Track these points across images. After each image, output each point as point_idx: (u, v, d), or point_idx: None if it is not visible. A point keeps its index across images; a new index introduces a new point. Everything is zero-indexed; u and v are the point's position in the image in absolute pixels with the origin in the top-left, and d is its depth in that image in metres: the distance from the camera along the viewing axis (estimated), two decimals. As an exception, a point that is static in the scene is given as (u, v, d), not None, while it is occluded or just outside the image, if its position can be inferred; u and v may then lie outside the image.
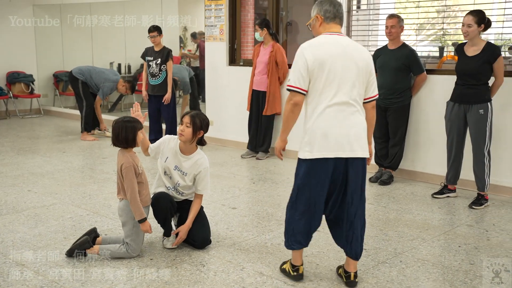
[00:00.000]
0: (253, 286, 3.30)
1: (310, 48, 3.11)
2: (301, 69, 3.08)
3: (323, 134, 3.13)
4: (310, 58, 3.07)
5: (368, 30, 8.83)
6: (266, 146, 6.86)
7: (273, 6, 6.98)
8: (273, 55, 6.59)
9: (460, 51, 4.93)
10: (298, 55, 3.13)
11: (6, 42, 10.15)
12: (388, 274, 3.50)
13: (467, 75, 4.82)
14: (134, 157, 3.64)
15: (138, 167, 3.61)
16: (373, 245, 4.00)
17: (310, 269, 3.55)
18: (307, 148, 3.18)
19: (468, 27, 4.75)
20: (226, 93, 7.55)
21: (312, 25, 3.29)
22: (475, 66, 4.77)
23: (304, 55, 3.08)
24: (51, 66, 10.71)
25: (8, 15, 10.09)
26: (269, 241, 4.04)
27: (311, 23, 3.29)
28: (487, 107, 4.79)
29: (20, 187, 5.44)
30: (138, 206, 3.56)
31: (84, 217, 4.53)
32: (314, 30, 3.29)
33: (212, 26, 7.54)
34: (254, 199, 5.21)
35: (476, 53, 4.78)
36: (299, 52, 3.14)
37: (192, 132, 3.75)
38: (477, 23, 4.73)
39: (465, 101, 4.87)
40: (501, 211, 4.82)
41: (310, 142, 3.17)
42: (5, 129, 8.96)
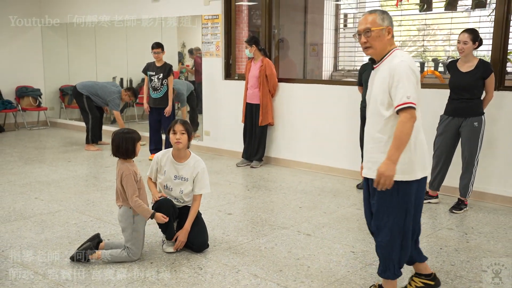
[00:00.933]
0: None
1: (412, 63, 2.83)
2: (416, 84, 2.79)
3: (426, 150, 2.95)
4: (417, 74, 2.84)
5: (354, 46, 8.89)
6: (260, 155, 6.87)
7: (265, 24, 7.01)
8: (263, 69, 6.61)
9: (453, 67, 4.90)
10: (409, 69, 2.77)
11: (16, 59, 10.25)
12: (375, 275, 3.49)
13: (462, 90, 4.79)
14: (133, 166, 3.64)
15: (137, 175, 3.61)
16: (361, 247, 3.99)
17: (302, 271, 3.55)
18: (419, 166, 2.88)
19: (464, 44, 4.76)
20: (222, 105, 7.56)
21: (378, 34, 2.85)
22: (470, 81, 4.75)
23: (414, 70, 2.79)
24: (57, 81, 10.73)
25: (19, 35, 10.22)
26: (263, 245, 4.03)
27: (380, 32, 2.85)
28: (481, 120, 4.78)
29: (28, 194, 5.41)
30: (143, 208, 3.57)
31: (88, 223, 4.51)
32: (379, 39, 2.85)
33: (209, 43, 7.57)
34: (249, 205, 5.20)
35: (471, 69, 4.77)
36: (407, 67, 2.77)
37: (188, 137, 3.77)
38: (472, 40, 4.75)
39: (460, 114, 4.84)
40: (479, 215, 4.83)
41: (423, 159, 2.91)
42: (14, 140, 8.93)
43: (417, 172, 2.86)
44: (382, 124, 2.84)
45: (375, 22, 2.85)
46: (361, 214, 4.84)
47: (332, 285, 3.35)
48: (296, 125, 6.79)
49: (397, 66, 2.77)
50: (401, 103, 2.73)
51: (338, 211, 4.93)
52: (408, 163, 2.82)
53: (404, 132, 2.72)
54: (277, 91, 6.86)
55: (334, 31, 9.14)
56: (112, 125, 10.05)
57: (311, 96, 6.62)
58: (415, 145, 2.84)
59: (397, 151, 2.72)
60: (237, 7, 7.47)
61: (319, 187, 5.84)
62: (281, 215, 4.79)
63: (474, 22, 7.51)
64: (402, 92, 2.72)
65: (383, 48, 2.88)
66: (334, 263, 3.68)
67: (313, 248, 3.97)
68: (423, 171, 2.90)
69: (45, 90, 10.62)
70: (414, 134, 2.79)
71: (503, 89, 5.09)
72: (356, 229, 4.45)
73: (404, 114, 2.72)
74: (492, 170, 5.19)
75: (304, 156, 6.73)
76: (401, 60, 2.79)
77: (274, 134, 7.00)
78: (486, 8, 6.11)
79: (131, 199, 3.54)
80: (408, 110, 2.72)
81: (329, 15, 8.97)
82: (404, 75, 2.74)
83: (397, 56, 2.84)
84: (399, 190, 2.83)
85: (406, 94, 2.72)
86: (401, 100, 2.73)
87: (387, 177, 2.72)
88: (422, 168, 2.89)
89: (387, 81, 2.79)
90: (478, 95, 4.80)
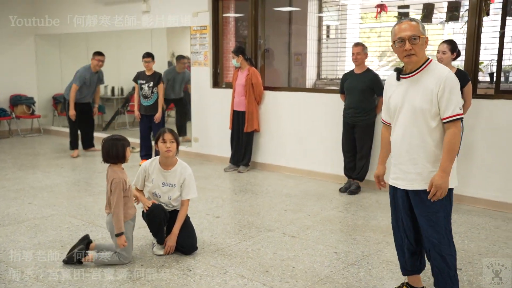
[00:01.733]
0: (235, 288, 3.27)
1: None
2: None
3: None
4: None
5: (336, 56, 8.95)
6: (246, 160, 6.86)
7: (252, 35, 7.02)
8: (249, 78, 6.62)
9: None
10: (457, 81, 2.70)
11: (10, 68, 10.16)
12: (356, 274, 3.51)
13: None
14: (123, 173, 3.59)
15: (126, 183, 3.56)
16: (343, 248, 4.00)
17: (287, 271, 3.54)
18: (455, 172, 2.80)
19: (443, 53, 4.83)
20: (210, 112, 7.54)
21: (422, 42, 2.71)
22: None
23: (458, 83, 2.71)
24: (50, 90, 10.64)
25: (12, 45, 10.14)
26: (249, 247, 4.01)
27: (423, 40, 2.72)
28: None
29: (21, 199, 5.34)
30: (119, 220, 3.49)
31: (80, 227, 4.45)
32: (422, 48, 2.73)
33: (197, 53, 7.56)
34: (236, 208, 5.18)
35: None
36: (455, 79, 2.70)
37: (176, 145, 3.75)
38: (450, 50, 4.82)
39: None
40: (454, 217, 4.86)
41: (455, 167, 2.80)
42: (8, 147, 8.81)
43: (455, 179, 2.81)
44: (427, 134, 2.72)
45: (420, 30, 2.71)
46: (342, 216, 4.86)
47: (316, 284, 3.35)
48: (281, 131, 6.79)
49: (448, 77, 2.66)
50: (454, 114, 2.65)
51: (321, 214, 4.94)
52: (453, 172, 2.75)
53: (457, 144, 2.68)
54: (263, 99, 6.86)
55: (317, 41, 9.20)
56: (103, 132, 9.99)
57: (296, 104, 6.63)
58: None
59: (451, 163, 2.67)
60: (224, 18, 7.48)
61: (303, 190, 5.85)
62: (267, 218, 4.78)
63: (448, 34, 7.62)
64: (455, 103, 2.65)
65: (423, 56, 2.75)
66: (318, 264, 3.68)
67: (298, 249, 3.96)
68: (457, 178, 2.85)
69: (38, 99, 10.53)
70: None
71: (476, 97, 5.15)
72: (338, 231, 4.46)
73: (455, 125, 2.66)
74: (469, 174, 5.24)
75: (289, 161, 6.74)
76: (449, 71, 2.71)
77: (260, 140, 7.00)
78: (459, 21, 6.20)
79: (113, 207, 3.49)
80: (458, 122, 2.66)
81: (313, 27, 9.03)
82: (455, 87, 2.67)
83: (439, 66, 2.75)
84: (451, 198, 2.80)
85: (458, 105, 2.66)
86: (454, 112, 2.65)
87: (444, 189, 2.67)
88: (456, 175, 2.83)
89: (435, 91, 2.67)
90: None
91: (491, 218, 4.84)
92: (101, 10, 8.91)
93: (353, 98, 5.56)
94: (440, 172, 2.66)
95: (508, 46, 6.15)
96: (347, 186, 5.81)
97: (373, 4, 6.98)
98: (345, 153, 5.80)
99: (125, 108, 10.44)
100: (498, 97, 5.11)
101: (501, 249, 4.03)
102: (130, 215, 3.60)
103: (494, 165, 5.12)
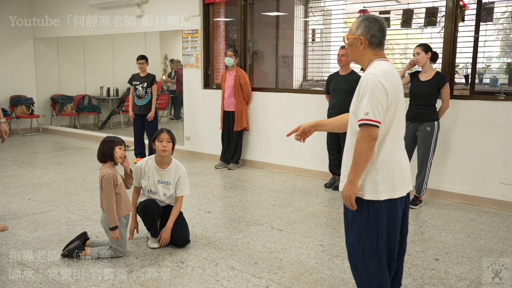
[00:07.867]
0: (226, 279, 3.27)
1: (385, 76, 2.31)
2: (382, 100, 2.28)
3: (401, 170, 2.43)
4: (389, 88, 2.30)
5: (321, 59, 8.96)
6: (236, 158, 6.86)
7: (241, 38, 7.02)
8: (237, 79, 6.61)
9: (415, 77, 4.99)
10: (375, 84, 2.28)
11: (10, 70, 10.08)
12: (341, 265, 3.53)
13: (419, 97, 4.88)
14: (114, 171, 3.58)
15: (117, 180, 3.55)
16: (328, 241, 4.02)
17: (275, 263, 3.55)
18: (385, 187, 2.37)
19: (418, 54, 4.87)
20: (202, 112, 7.53)
21: (351, 43, 2.46)
22: (427, 89, 4.84)
23: (384, 85, 2.28)
24: (49, 90, 10.56)
25: (12, 48, 10.06)
26: (239, 240, 4.02)
27: (352, 41, 2.45)
28: (434, 126, 4.86)
29: (21, 196, 5.30)
30: (112, 214, 3.47)
31: (77, 222, 4.43)
32: (354, 49, 2.46)
33: (189, 55, 7.53)
34: (226, 204, 5.19)
35: (428, 79, 4.87)
36: (374, 81, 2.29)
37: (172, 145, 3.74)
38: (424, 50, 4.85)
39: (416, 119, 4.92)
40: (432, 210, 4.92)
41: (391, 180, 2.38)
42: (8, 145, 8.72)
43: (381, 194, 2.36)
44: (353, 138, 2.39)
45: (350, 30, 2.46)
46: (328, 210, 4.88)
47: (302, 275, 3.36)
48: (269, 130, 6.80)
49: (364, 78, 2.34)
50: (359, 119, 2.30)
51: (308, 208, 4.96)
52: (372, 183, 2.36)
53: (357, 152, 2.29)
54: (252, 99, 6.86)
55: (304, 44, 9.21)
56: (99, 131, 9.94)
57: (283, 104, 6.64)
58: (382, 164, 2.36)
59: (353, 171, 2.31)
60: (215, 22, 7.46)
61: (291, 186, 5.86)
62: (256, 213, 4.79)
63: (426, 38, 7.67)
64: (363, 107, 2.29)
65: (357, 58, 2.47)
66: (304, 256, 3.70)
67: (285, 242, 3.98)
68: (390, 193, 2.38)
69: (37, 99, 10.45)
70: (380, 153, 2.36)
71: (452, 97, 5.20)
72: (324, 225, 4.48)
73: (360, 132, 2.29)
74: (444, 169, 5.29)
75: (277, 158, 6.75)
76: (370, 72, 2.34)
77: (250, 139, 7.00)
78: (436, 26, 6.24)
79: (105, 202, 3.48)
80: (365, 128, 2.27)
81: (299, 31, 9.03)
82: (368, 89, 2.29)
83: (371, 67, 2.39)
84: (369, 210, 2.40)
85: (365, 110, 2.28)
86: (359, 116, 2.30)
87: (345, 197, 2.37)
88: (389, 189, 2.37)
89: (357, 93, 2.39)
90: (433, 103, 4.88)
91: (466, 211, 4.90)
92: (97, 14, 8.85)
93: (337, 98, 5.58)
94: (346, 181, 2.38)
95: (482, 50, 6.20)
96: (332, 182, 5.83)
97: (356, 9, 6.99)
98: (330, 151, 5.82)
99: (120, 108, 10.38)
100: (473, 98, 5.17)
101: (475, 241, 4.07)
102: (123, 212, 3.58)
103: (469, 162, 5.17)
